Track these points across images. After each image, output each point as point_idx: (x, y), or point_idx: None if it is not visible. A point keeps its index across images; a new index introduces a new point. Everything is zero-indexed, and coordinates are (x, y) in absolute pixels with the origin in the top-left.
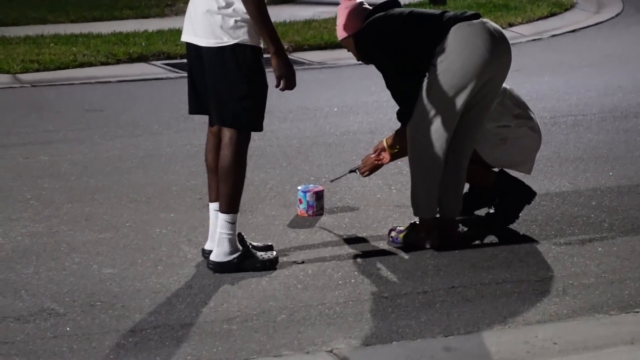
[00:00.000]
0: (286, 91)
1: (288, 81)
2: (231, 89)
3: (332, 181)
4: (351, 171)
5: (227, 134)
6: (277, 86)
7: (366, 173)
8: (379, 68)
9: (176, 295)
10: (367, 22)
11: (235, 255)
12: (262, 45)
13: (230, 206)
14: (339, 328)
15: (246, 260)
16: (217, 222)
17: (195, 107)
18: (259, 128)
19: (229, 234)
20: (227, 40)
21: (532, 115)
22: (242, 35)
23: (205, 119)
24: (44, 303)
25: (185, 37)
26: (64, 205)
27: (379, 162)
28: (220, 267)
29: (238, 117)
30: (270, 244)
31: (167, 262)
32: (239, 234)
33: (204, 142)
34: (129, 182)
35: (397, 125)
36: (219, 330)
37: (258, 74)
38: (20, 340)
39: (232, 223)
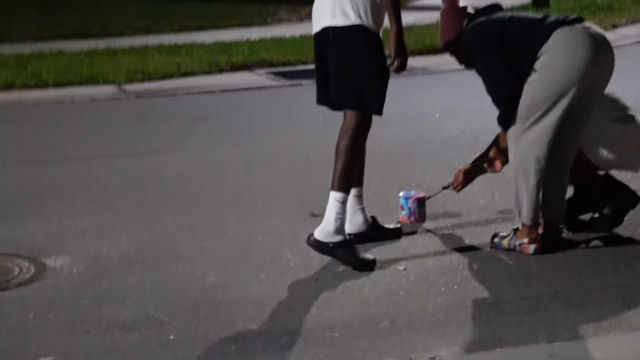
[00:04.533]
0: (388, 98)
1: (403, 61)
2: (356, 68)
3: (427, 199)
4: (444, 188)
5: (349, 114)
6: (391, 64)
7: (459, 188)
8: (479, 72)
9: (279, 303)
10: (470, 26)
11: (335, 240)
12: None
13: (340, 184)
14: (441, 334)
15: (343, 251)
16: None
17: (325, 98)
18: (379, 111)
19: (337, 214)
20: (354, 20)
21: (634, 114)
22: (365, 18)
23: (310, 124)
24: (148, 312)
25: (316, 28)
26: (169, 214)
27: (494, 171)
28: (316, 244)
29: (360, 98)
30: (399, 226)
31: (270, 270)
32: (372, 216)
33: (306, 149)
34: (232, 190)
35: (498, 130)
36: (321, 337)
37: (381, 57)
38: (125, 348)
39: (341, 203)
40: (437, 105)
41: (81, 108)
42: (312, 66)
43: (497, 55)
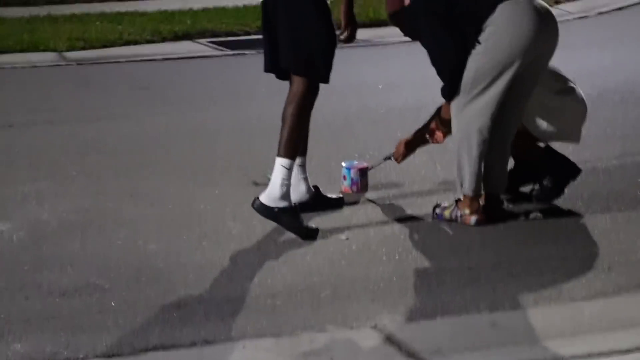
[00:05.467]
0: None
1: (352, 31)
2: (304, 35)
3: (369, 169)
4: (386, 158)
5: (296, 81)
6: (341, 34)
7: (400, 158)
8: (424, 43)
9: (221, 271)
10: None
11: (280, 205)
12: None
13: (287, 150)
14: (383, 304)
15: (287, 217)
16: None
17: (272, 65)
18: (326, 79)
19: (283, 180)
20: None
21: (574, 86)
22: None
23: (253, 94)
24: (89, 278)
25: None
26: (110, 181)
27: (436, 142)
28: (261, 208)
29: (308, 65)
30: (341, 196)
31: (212, 238)
32: (315, 186)
33: (248, 118)
34: (174, 158)
35: (442, 102)
36: (263, 305)
37: (329, 24)
38: (66, 314)
39: (287, 169)
40: (380, 77)
41: (22, 75)
42: (255, 36)
43: (442, 26)
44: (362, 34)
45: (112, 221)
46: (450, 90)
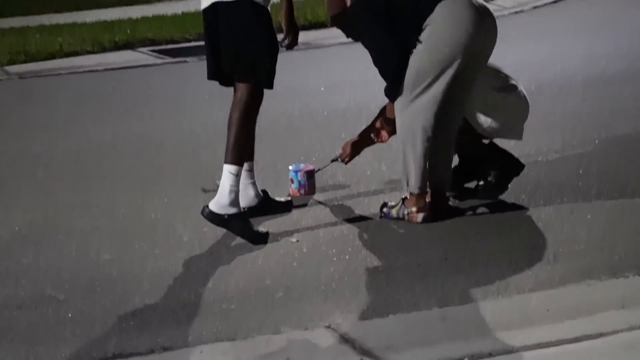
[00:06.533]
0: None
1: (294, 37)
2: (246, 42)
3: (316, 172)
4: (333, 160)
5: (240, 88)
6: (282, 40)
7: (347, 159)
8: (366, 44)
9: (174, 278)
10: None
11: (230, 212)
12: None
13: (233, 156)
14: (336, 303)
15: (237, 223)
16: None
17: (215, 72)
18: (270, 85)
19: (231, 186)
20: None
21: (516, 84)
22: None
23: (196, 101)
24: (44, 290)
25: (204, 4)
26: (60, 194)
27: (381, 141)
28: (211, 216)
29: (251, 71)
30: (290, 199)
31: (163, 245)
32: (263, 190)
33: (193, 126)
34: (122, 168)
35: (384, 102)
36: (218, 309)
37: (271, 30)
38: (23, 327)
39: (235, 175)
40: (322, 79)
41: None
42: (195, 43)
43: (383, 26)
44: (301, 36)
45: (64, 233)
46: (394, 90)
